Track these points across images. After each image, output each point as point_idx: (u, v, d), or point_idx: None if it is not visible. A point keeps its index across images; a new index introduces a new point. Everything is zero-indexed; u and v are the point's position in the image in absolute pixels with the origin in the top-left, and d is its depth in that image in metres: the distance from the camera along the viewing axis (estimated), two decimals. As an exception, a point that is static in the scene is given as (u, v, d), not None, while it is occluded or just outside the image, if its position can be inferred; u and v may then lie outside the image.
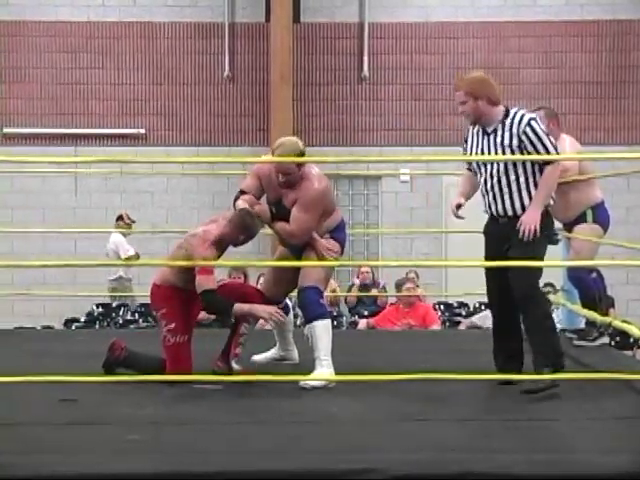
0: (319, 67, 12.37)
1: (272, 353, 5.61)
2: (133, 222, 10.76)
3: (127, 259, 10.25)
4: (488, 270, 4.92)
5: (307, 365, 5.16)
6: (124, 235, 10.61)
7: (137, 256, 10.47)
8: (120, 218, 10.85)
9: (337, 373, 4.97)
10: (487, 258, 4.93)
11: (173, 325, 5.07)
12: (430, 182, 12.10)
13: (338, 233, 5.30)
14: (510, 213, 4.78)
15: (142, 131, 12.29)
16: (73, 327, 9.65)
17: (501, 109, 4.78)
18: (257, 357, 5.58)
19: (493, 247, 4.90)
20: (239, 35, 12.33)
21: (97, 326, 9.86)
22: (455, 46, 12.34)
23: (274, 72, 11.30)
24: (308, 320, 5.13)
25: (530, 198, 4.71)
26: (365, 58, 12.26)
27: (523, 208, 4.73)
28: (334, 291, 10.22)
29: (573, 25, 12.22)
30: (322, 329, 5.04)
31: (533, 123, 4.71)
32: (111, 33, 12.27)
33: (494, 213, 4.86)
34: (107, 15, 12.26)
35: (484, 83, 4.77)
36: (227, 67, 12.24)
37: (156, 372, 4.92)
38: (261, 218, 5.13)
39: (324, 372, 4.98)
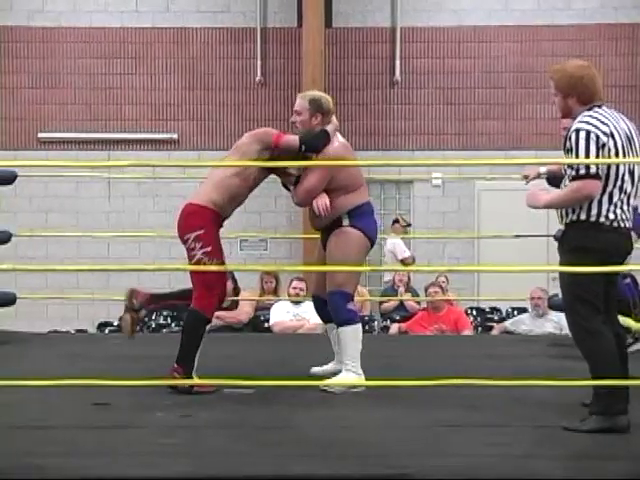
0: (351, 72, 12.37)
1: (331, 366, 5.36)
2: (409, 225, 10.75)
3: (402, 262, 10.30)
4: None
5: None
6: (401, 238, 10.59)
7: (412, 259, 10.48)
8: (396, 221, 10.88)
9: (369, 378, 4.95)
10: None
11: (210, 248, 4.87)
12: (462, 186, 12.06)
13: (359, 219, 5.07)
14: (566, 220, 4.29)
15: (174, 136, 12.36)
16: (106, 331, 9.73)
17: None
18: (315, 369, 5.39)
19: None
20: (271, 40, 12.36)
21: (130, 330, 9.91)
22: (488, 50, 12.30)
23: (306, 77, 11.31)
24: (337, 325, 5.08)
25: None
26: (397, 62, 12.24)
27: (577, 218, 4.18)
28: (363, 296, 10.21)
29: (607, 28, 12.13)
30: (350, 335, 4.97)
31: (577, 130, 4.15)
32: (144, 39, 12.36)
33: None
34: (141, 21, 12.35)
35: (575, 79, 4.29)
36: (259, 72, 12.27)
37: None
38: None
39: (349, 377, 4.92)
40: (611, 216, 4.14)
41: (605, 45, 12.13)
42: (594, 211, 4.14)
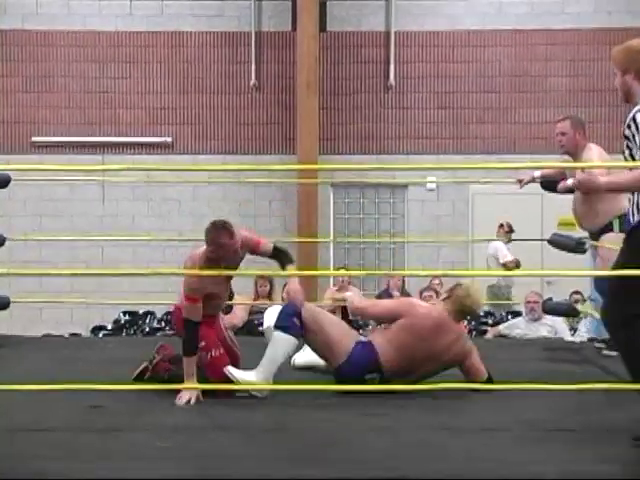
0: (345, 76, 12.39)
1: (308, 354, 5.43)
2: (513, 231, 10.86)
3: (504, 265, 10.47)
4: None
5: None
6: (505, 242, 10.73)
7: (516, 263, 10.60)
8: (501, 226, 11.02)
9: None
10: None
11: (203, 343, 4.97)
12: (456, 190, 12.08)
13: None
14: None
15: (169, 139, 12.36)
16: (100, 335, 9.70)
17: None
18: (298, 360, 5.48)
19: None
20: (266, 44, 12.37)
21: (124, 334, 9.90)
22: (482, 54, 12.32)
23: (300, 81, 11.32)
24: (275, 326, 5.06)
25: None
26: (391, 66, 12.26)
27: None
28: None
29: (601, 33, 12.15)
30: (279, 341, 4.96)
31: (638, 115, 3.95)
32: (139, 42, 12.36)
33: None
34: (135, 25, 12.35)
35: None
36: (254, 76, 12.28)
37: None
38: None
39: (252, 379, 4.87)
40: None
41: (599, 49, 12.15)
42: None
